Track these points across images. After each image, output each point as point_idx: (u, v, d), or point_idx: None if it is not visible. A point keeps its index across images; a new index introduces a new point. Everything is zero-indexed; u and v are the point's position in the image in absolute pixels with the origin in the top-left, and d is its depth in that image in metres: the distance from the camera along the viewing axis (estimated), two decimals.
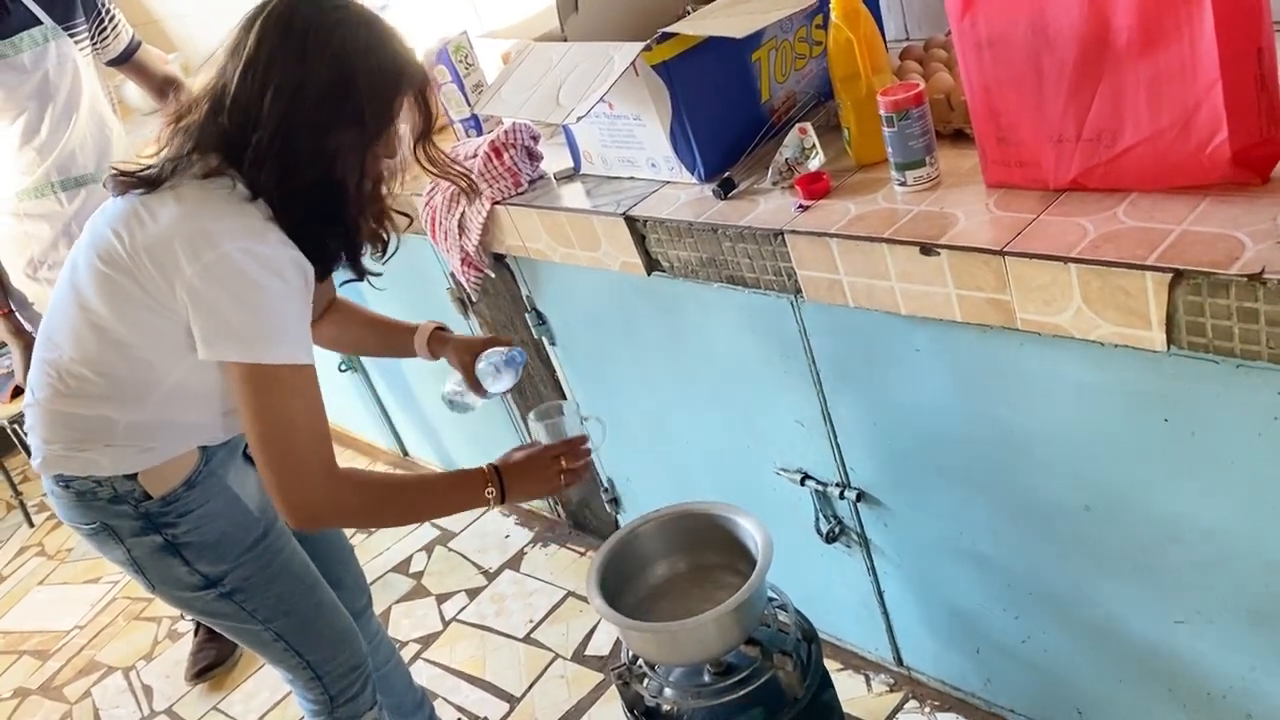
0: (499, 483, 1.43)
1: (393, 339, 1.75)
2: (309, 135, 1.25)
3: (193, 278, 1.24)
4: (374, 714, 1.71)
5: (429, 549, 2.73)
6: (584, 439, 1.53)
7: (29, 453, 3.06)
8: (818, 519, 1.72)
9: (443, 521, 2.80)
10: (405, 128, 1.37)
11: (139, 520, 1.43)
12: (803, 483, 1.70)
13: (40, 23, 2.24)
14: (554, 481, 1.47)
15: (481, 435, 2.61)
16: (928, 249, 1.21)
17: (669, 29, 1.47)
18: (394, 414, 2.97)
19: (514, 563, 2.57)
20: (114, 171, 1.34)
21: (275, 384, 1.28)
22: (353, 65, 1.25)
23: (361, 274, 1.44)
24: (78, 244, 1.37)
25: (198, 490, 1.45)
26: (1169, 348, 1.07)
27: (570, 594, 2.40)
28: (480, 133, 2.11)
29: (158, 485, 1.42)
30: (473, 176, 1.76)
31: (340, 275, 1.47)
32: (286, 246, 1.29)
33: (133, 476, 1.40)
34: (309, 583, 1.59)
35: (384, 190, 1.42)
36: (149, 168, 1.33)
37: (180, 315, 1.28)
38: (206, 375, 1.36)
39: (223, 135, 1.27)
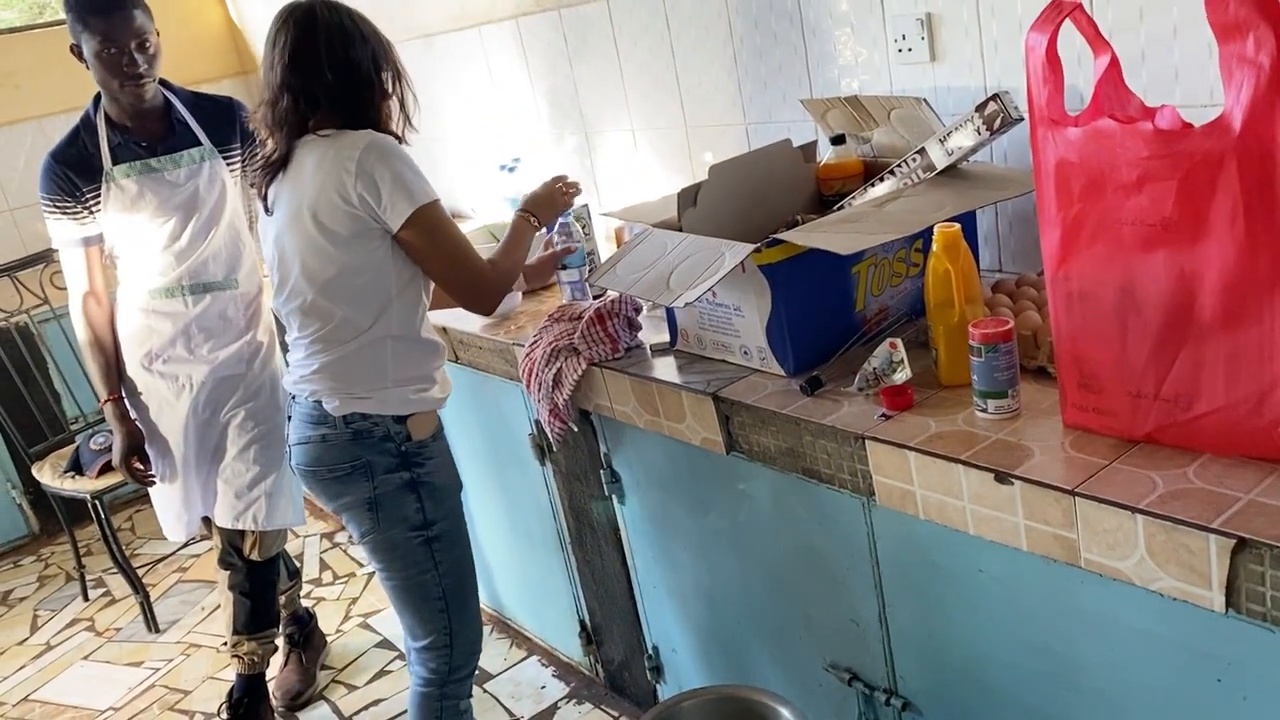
0: (535, 218, 2.03)
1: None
2: (358, 82, 1.81)
3: (359, 173, 1.72)
4: (470, 705, 2.04)
5: None
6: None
7: (104, 527, 3.18)
8: None
9: (482, 661, 2.80)
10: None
11: (397, 458, 1.86)
12: (850, 683, 1.71)
13: (200, 144, 2.46)
14: (564, 203, 2.11)
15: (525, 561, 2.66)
16: (1003, 477, 1.27)
17: (780, 235, 1.59)
18: None
19: (546, 716, 2.57)
20: (258, 164, 1.89)
21: (440, 216, 1.79)
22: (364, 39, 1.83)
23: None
24: (280, 269, 1.86)
25: (439, 443, 1.94)
26: (1227, 610, 1.11)
27: None
28: (585, 295, 2.24)
29: (420, 430, 1.88)
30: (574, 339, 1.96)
31: None
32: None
33: (402, 421, 1.85)
34: (472, 561, 1.99)
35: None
36: (273, 152, 1.83)
37: (373, 223, 1.76)
38: (405, 269, 1.83)
39: (297, 113, 1.80)
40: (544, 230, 2.16)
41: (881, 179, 1.83)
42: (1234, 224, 1.07)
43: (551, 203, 2.07)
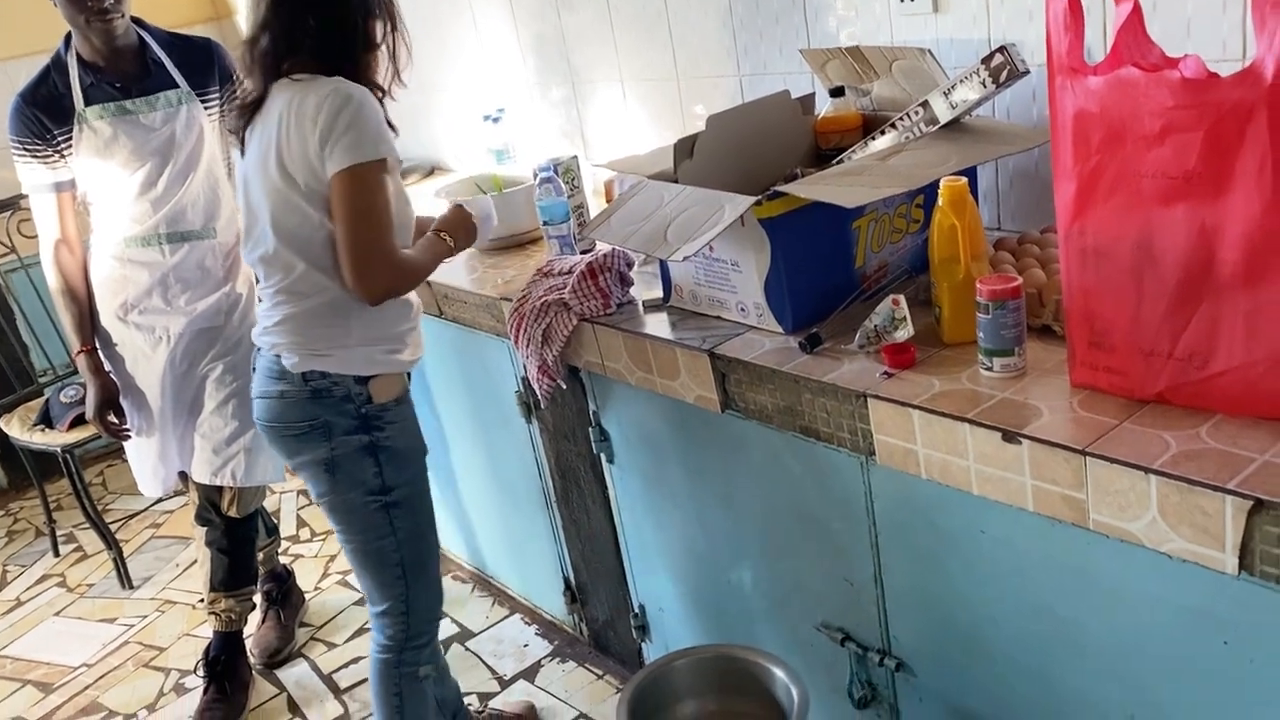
0: (451, 238, 1.91)
1: None
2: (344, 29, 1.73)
3: (319, 119, 1.65)
4: (430, 671, 1.99)
5: (445, 644, 2.71)
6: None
7: (75, 481, 3.12)
8: (852, 682, 1.71)
9: (464, 619, 2.80)
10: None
11: (356, 420, 1.79)
12: (843, 643, 1.70)
13: (177, 86, 2.38)
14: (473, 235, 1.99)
15: (522, 544, 2.64)
16: (1010, 436, 1.25)
17: (781, 188, 1.54)
18: None
19: (529, 674, 2.55)
20: (235, 105, 1.83)
21: (378, 179, 1.67)
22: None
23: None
24: (250, 211, 1.79)
25: (404, 407, 1.87)
26: (1240, 573, 1.09)
27: (582, 715, 2.38)
28: (572, 249, 2.19)
29: (382, 393, 1.81)
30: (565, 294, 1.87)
31: None
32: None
33: (364, 382, 1.78)
34: (433, 528, 1.96)
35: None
36: (249, 95, 1.77)
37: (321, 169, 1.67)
38: None
39: (274, 55, 1.74)
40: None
41: (882, 132, 1.79)
42: (1261, 176, 1.04)
43: (468, 229, 1.96)
